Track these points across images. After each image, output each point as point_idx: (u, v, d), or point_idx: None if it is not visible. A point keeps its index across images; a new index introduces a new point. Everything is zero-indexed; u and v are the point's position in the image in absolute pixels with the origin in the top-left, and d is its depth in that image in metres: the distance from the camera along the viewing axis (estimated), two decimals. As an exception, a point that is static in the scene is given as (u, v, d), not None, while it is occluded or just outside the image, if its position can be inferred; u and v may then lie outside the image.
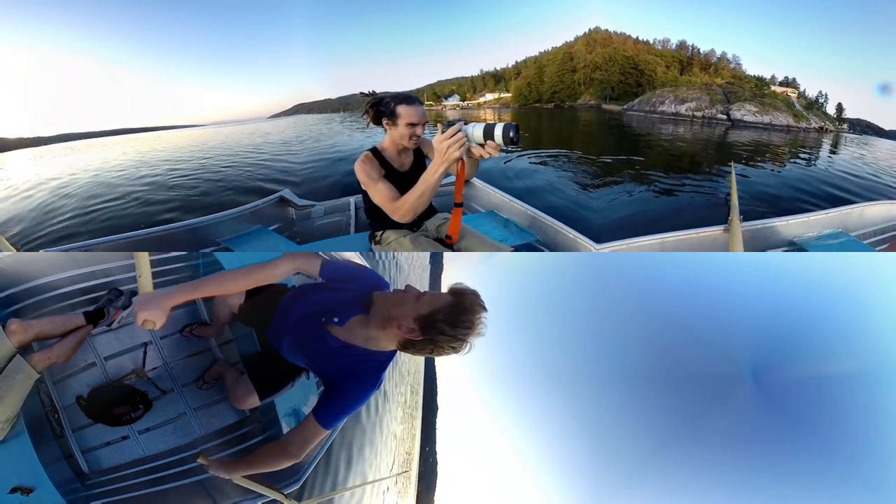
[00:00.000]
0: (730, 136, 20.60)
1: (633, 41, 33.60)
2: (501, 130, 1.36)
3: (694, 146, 16.89)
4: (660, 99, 28.83)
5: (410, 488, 8.20)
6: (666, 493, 10.48)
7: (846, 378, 5.32)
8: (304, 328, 1.31)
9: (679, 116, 26.77)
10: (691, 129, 22.95)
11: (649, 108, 28.75)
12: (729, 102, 26.41)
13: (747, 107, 25.76)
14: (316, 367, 1.32)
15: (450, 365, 14.30)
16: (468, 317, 1.10)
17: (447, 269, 13.48)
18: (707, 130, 22.66)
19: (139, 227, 2.47)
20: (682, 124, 24.77)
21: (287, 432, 1.28)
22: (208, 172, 10.93)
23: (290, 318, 1.37)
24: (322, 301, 1.32)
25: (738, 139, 19.30)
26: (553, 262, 27.25)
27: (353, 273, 1.40)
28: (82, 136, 35.91)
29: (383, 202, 1.82)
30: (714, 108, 26.19)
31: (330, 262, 1.41)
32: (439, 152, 1.45)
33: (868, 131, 26.82)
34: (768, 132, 23.19)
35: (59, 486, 1.52)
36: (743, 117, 25.23)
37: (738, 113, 25.50)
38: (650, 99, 29.44)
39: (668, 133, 20.61)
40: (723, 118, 25.63)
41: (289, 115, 47.15)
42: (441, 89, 43.93)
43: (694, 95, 27.51)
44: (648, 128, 22.89)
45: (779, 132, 23.61)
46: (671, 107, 27.63)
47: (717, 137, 19.88)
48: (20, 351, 1.47)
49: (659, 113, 27.86)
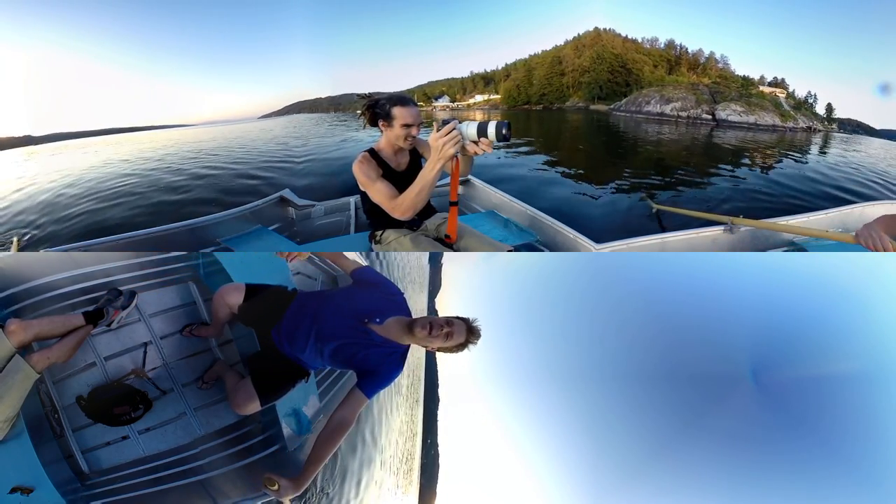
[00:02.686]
0: (714, 136, 20.67)
1: (621, 39, 33.62)
2: (494, 128, 1.42)
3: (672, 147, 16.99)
4: (646, 99, 28.85)
5: (413, 480, 8.22)
6: (665, 491, 10.49)
7: (846, 378, 5.31)
8: (347, 329, 1.55)
9: (664, 116, 26.81)
10: (676, 129, 22.98)
11: (635, 108, 28.81)
12: (715, 102, 26.43)
13: (733, 106, 25.79)
14: (357, 357, 1.53)
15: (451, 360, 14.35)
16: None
17: (447, 269, 13.52)
18: (691, 130, 22.69)
19: (139, 227, 2.47)
20: (666, 124, 24.82)
21: (337, 408, 1.48)
22: (207, 172, 10.94)
23: (329, 321, 1.58)
24: (363, 305, 1.60)
25: (723, 140, 19.37)
26: (553, 262, 27.26)
27: (377, 279, 1.72)
28: (76, 135, 35.89)
29: (382, 200, 1.84)
30: (699, 108, 26.22)
31: (362, 268, 1.77)
32: (435, 149, 1.50)
33: (859, 131, 26.87)
34: (753, 132, 23.20)
35: (59, 486, 1.52)
36: (728, 117, 25.25)
37: (723, 113, 25.53)
38: (636, 99, 29.48)
39: (653, 133, 20.69)
40: (707, 118, 25.65)
41: (282, 115, 47.15)
42: (431, 90, 44.05)
43: (680, 95, 27.55)
44: (634, 128, 22.96)
45: (764, 132, 23.61)
46: (657, 107, 27.70)
47: (702, 138, 19.94)
48: (20, 351, 1.47)
49: (644, 113, 27.90)
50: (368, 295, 1.64)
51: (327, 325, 1.59)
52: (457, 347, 1.49)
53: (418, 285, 8.98)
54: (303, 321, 1.62)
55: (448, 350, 1.50)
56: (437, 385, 12.27)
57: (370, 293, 1.65)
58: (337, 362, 1.61)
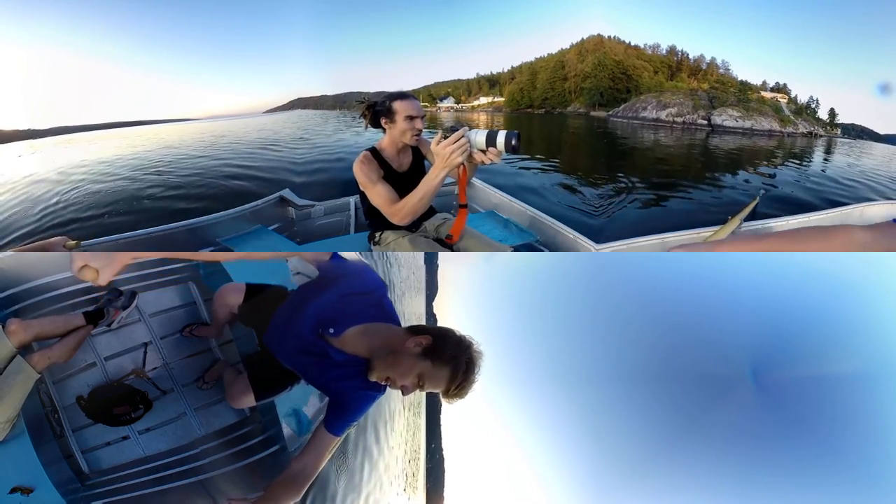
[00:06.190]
0: (709, 141, 20.73)
1: (623, 45, 33.71)
2: (504, 138, 1.37)
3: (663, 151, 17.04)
4: (642, 105, 28.96)
5: (419, 485, 8.22)
6: (666, 491, 10.49)
7: (846, 378, 5.32)
8: (301, 342, 1.23)
9: (660, 122, 26.90)
10: (671, 134, 23.07)
11: (632, 113, 28.92)
12: (713, 107, 26.46)
13: (729, 111, 25.84)
14: (318, 380, 1.27)
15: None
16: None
17: (446, 270, 13.52)
18: (687, 135, 22.77)
19: (139, 227, 2.47)
20: (662, 129, 24.93)
21: (298, 453, 1.20)
22: (207, 171, 10.94)
23: (286, 333, 1.29)
24: (317, 311, 1.23)
25: (719, 145, 19.40)
26: (553, 263, 27.23)
27: (340, 271, 1.32)
28: (78, 129, 35.85)
29: (382, 204, 1.81)
30: (696, 114, 26.30)
31: (328, 258, 1.35)
32: (442, 157, 1.45)
33: (863, 136, 26.87)
34: (749, 137, 23.25)
35: (59, 486, 1.52)
36: (724, 122, 25.29)
37: (719, 118, 25.57)
38: (633, 105, 29.61)
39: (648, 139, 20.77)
40: (703, 123, 25.71)
41: (285, 111, 47.15)
42: (437, 91, 44.08)
43: (676, 101, 27.64)
44: (630, 134, 23.08)
45: (761, 137, 23.65)
46: (653, 112, 27.80)
47: (697, 143, 19.99)
48: (20, 351, 1.47)
49: (640, 119, 27.99)
50: (326, 295, 1.25)
51: (282, 338, 1.30)
52: (444, 396, 1.13)
53: (418, 286, 8.97)
54: (275, 330, 1.36)
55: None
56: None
57: (328, 293, 1.26)
58: (316, 385, 1.31)
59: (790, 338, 5.96)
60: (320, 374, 1.23)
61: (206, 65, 67.60)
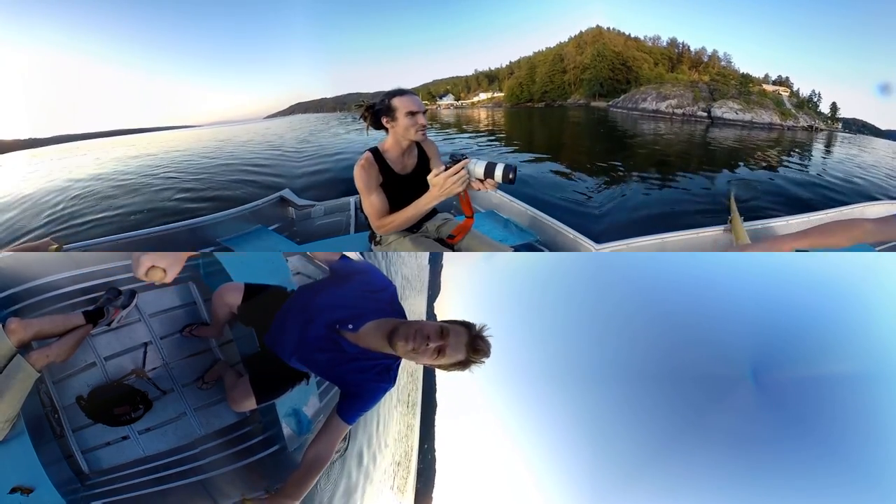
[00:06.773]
0: (709, 133, 20.71)
1: (623, 37, 33.62)
2: (502, 171, 1.45)
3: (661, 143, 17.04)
4: (642, 96, 28.82)
5: (409, 485, 8.21)
6: (665, 492, 10.49)
7: (846, 378, 5.32)
8: (316, 340, 1.31)
9: (659, 113, 26.75)
10: (671, 126, 23.02)
11: (632, 105, 28.77)
12: (713, 100, 26.34)
13: (729, 104, 25.63)
14: (332, 373, 1.33)
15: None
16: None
17: (447, 270, 13.50)
18: (686, 127, 22.73)
19: (139, 228, 2.48)
20: (661, 121, 24.87)
21: (311, 442, 1.27)
22: (208, 172, 10.94)
23: (296, 331, 1.35)
24: (333, 308, 1.33)
25: (717, 136, 19.39)
26: (553, 263, 27.21)
27: (352, 270, 1.45)
28: (79, 137, 35.94)
29: (371, 215, 1.83)
30: (695, 106, 26.11)
31: (338, 259, 1.50)
32: (439, 186, 1.51)
33: (864, 131, 26.77)
34: (749, 130, 23.21)
35: (59, 486, 1.52)
36: (723, 115, 25.16)
37: (718, 110, 25.41)
38: (633, 96, 29.45)
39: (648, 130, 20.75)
40: (703, 115, 25.60)
41: (286, 115, 47.14)
42: (436, 89, 43.95)
43: (676, 93, 27.42)
44: (630, 125, 23.04)
45: (760, 130, 23.61)
46: (652, 104, 27.58)
47: (697, 135, 19.98)
48: (20, 351, 1.47)
49: (640, 110, 27.89)
50: (341, 293, 1.37)
51: (291, 336, 1.37)
52: (454, 366, 1.19)
53: (418, 286, 8.98)
54: (280, 330, 1.43)
55: (444, 368, 1.20)
56: (436, 389, 12.18)
57: (343, 291, 1.37)
58: (328, 376, 1.39)
59: (790, 338, 5.96)
60: (334, 368, 1.29)
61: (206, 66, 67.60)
